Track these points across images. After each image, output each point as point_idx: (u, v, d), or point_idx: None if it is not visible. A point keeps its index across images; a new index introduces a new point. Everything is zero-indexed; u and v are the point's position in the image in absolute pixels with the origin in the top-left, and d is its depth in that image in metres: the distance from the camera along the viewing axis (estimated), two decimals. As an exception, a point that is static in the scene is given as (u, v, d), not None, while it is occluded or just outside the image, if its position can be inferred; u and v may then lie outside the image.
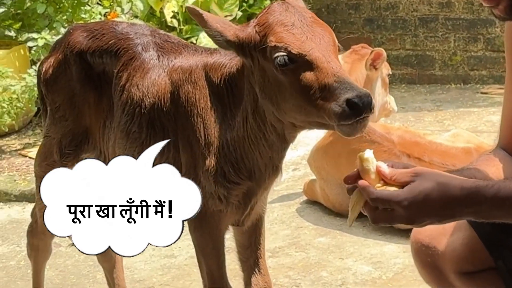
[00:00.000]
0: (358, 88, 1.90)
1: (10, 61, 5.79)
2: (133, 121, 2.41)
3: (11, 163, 5.38)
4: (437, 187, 1.70)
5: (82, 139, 2.63)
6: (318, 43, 1.98)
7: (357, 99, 1.87)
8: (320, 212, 4.36)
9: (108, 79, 2.52)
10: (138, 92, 2.40)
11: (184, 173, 2.33)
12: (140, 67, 2.44)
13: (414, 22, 7.35)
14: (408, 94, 7.04)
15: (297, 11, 2.05)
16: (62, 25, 5.84)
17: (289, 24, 2.00)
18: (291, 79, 1.99)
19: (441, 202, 1.70)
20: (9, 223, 4.56)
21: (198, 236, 2.38)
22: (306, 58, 1.95)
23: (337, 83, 1.91)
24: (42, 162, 2.75)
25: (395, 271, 3.60)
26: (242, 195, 2.32)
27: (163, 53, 2.45)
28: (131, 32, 2.54)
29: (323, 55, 1.95)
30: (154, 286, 3.63)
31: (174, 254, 3.94)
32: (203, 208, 2.29)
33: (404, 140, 4.02)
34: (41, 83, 2.74)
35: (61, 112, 2.64)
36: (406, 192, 1.72)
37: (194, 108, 2.28)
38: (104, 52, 2.53)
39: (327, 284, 3.53)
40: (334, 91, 1.91)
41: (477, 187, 1.70)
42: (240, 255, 2.57)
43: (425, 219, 1.73)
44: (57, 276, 3.77)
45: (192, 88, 2.30)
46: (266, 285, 2.55)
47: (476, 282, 2.02)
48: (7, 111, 5.38)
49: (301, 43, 1.97)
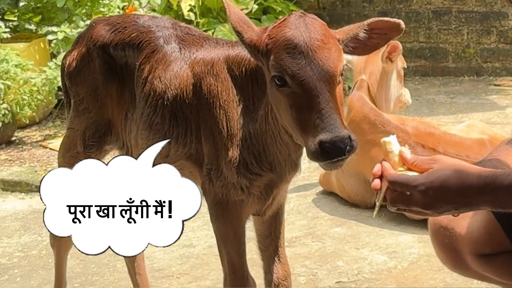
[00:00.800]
0: (338, 130, 1.86)
1: (31, 54, 5.83)
2: (156, 113, 2.42)
3: (32, 154, 5.42)
4: (455, 174, 1.71)
5: (105, 131, 2.64)
6: (315, 72, 1.92)
7: (329, 144, 1.84)
8: (335, 203, 4.37)
9: (130, 71, 2.53)
10: (160, 84, 2.41)
11: (206, 163, 2.34)
12: (162, 59, 2.45)
13: (427, 15, 7.32)
14: (422, 86, 7.02)
15: (308, 31, 1.98)
16: (81, 18, 5.87)
17: (292, 47, 1.95)
18: (284, 99, 1.99)
19: (458, 189, 1.71)
20: (31, 213, 4.59)
21: (220, 225, 2.38)
22: (298, 86, 1.93)
23: (319, 120, 1.87)
24: (66, 153, 2.76)
25: (410, 260, 3.60)
26: (263, 186, 2.32)
27: (184, 46, 2.46)
28: (153, 25, 2.55)
29: (315, 87, 1.90)
30: (173, 275, 3.65)
31: (192, 244, 3.96)
32: (225, 197, 2.31)
33: (419, 131, 4.02)
34: (64, 76, 2.75)
35: (85, 105, 2.65)
36: (424, 177, 1.73)
37: (216, 100, 2.29)
38: (127, 45, 2.54)
39: (343, 274, 3.54)
40: (315, 127, 1.88)
41: (494, 175, 1.70)
42: (260, 244, 2.57)
43: (441, 205, 1.74)
44: (78, 265, 3.79)
45: (214, 81, 2.30)
46: (285, 273, 2.56)
47: (493, 264, 2.02)
48: (27, 103, 5.41)
49: (297, 70, 1.93)
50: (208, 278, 3.58)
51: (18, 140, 5.74)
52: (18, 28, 6.49)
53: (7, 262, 3.92)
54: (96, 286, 3.59)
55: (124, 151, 2.63)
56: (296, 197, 4.46)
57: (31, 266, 3.86)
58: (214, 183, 2.32)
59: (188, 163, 2.41)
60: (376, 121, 4.05)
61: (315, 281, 3.48)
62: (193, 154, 2.39)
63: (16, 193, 4.92)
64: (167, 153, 2.43)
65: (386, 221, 4.01)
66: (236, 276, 2.41)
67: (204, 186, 2.37)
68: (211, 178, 2.32)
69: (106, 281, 3.64)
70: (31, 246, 4.10)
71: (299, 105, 1.94)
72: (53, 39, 5.76)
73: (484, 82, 7.01)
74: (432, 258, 3.59)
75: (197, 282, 3.55)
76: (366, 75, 4.20)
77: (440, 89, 6.92)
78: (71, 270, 3.45)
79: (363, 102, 4.12)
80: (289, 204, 4.31)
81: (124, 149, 2.62)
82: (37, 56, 5.92)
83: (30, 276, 3.75)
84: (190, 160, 2.40)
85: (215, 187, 2.32)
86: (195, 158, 2.39)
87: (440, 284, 3.35)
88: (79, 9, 5.99)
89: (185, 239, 4.03)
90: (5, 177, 5.01)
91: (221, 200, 2.33)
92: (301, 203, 4.40)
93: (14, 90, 5.39)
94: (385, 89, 4.29)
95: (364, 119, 4.08)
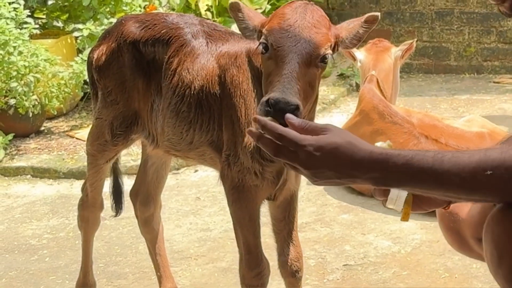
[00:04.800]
0: (289, 95, 1.79)
1: (58, 50, 5.85)
2: (183, 102, 2.45)
3: (59, 143, 5.45)
4: (348, 144, 1.61)
5: (132, 121, 2.66)
6: (295, 45, 1.91)
7: (274, 101, 1.76)
8: (343, 191, 4.38)
9: (157, 66, 2.55)
10: (188, 75, 2.44)
11: (225, 149, 2.37)
12: (191, 53, 2.47)
13: (431, 15, 7.30)
14: (425, 83, 7.00)
15: (304, 13, 1.98)
16: (105, 16, 5.89)
17: (285, 20, 1.96)
18: (263, 65, 1.99)
19: (347, 160, 1.59)
20: (59, 198, 4.63)
21: (236, 209, 2.41)
22: (275, 51, 1.92)
23: (278, 82, 1.85)
24: (94, 142, 2.78)
25: (413, 246, 3.62)
26: (275, 172, 2.34)
27: (211, 40, 2.48)
28: (181, 22, 2.57)
29: (288, 56, 1.89)
30: (191, 257, 3.67)
31: (209, 228, 3.99)
32: (241, 182, 2.33)
33: (423, 123, 4.03)
34: (92, 69, 2.76)
35: (113, 96, 2.67)
36: (315, 140, 1.61)
37: (237, 89, 2.31)
38: (156, 41, 2.56)
39: (350, 257, 3.56)
40: (272, 88, 1.85)
41: (387, 154, 1.60)
42: (274, 227, 2.59)
43: (325, 170, 1.62)
44: (103, 247, 3.82)
45: (236, 72, 2.33)
46: (297, 255, 2.58)
47: None
48: (55, 95, 5.43)
49: (279, 38, 1.93)
50: (224, 259, 3.61)
51: (47, 130, 5.78)
52: (47, 25, 6.51)
53: (37, 243, 3.96)
54: (119, 266, 3.63)
55: (150, 140, 2.65)
56: (306, 186, 4.47)
57: (59, 247, 3.90)
58: (232, 168, 2.34)
59: (210, 149, 2.44)
60: (384, 111, 4.08)
61: (323, 263, 3.50)
62: (215, 141, 2.41)
63: (45, 179, 4.97)
64: (192, 140, 2.46)
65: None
66: (251, 256, 2.43)
67: (222, 171, 2.40)
68: (229, 163, 2.35)
69: (129, 261, 3.67)
70: (59, 229, 4.14)
71: (271, 71, 1.92)
72: (79, 36, 5.78)
73: (484, 80, 6.98)
74: (434, 244, 3.61)
75: (214, 264, 3.58)
76: (376, 71, 4.23)
77: (442, 85, 6.90)
78: (96, 251, 3.48)
79: (373, 94, 4.16)
80: (299, 192, 4.30)
81: (150, 138, 2.64)
82: (64, 51, 5.94)
83: (58, 256, 3.79)
84: (211, 146, 2.43)
85: (232, 172, 2.34)
86: (216, 145, 2.41)
87: (441, 268, 3.36)
88: (103, 8, 6.00)
89: (203, 223, 4.06)
90: (34, 165, 5.06)
91: (237, 184, 2.35)
92: (311, 191, 4.41)
93: (43, 83, 5.42)
94: (394, 83, 4.33)
95: (373, 109, 4.13)
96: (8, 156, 5.21)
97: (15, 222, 4.28)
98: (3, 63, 5.12)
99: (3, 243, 3.99)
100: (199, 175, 4.83)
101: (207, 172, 4.71)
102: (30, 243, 3.97)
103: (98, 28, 5.69)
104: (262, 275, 2.44)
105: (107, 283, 3.45)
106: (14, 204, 4.57)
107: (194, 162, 2.87)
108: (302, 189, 4.38)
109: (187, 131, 2.45)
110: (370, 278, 3.34)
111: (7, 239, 4.03)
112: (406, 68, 7.17)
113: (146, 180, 3.02)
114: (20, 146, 5.40)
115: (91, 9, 6.06)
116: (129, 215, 3.49)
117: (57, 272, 3.60)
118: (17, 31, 5.23)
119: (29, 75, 5.23)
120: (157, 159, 2.96)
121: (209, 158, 2.47)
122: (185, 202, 4.40)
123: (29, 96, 5.27)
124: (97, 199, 2.95)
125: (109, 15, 5.97)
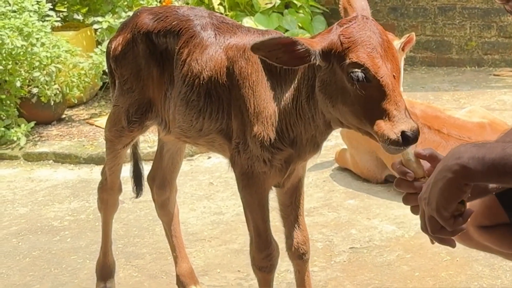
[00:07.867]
0: (412, 122, 1.89)
1: (79, 41, 5.84)
2: (193, 91, 2.42)
3: (80, 131, 5.45)
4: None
5: (147, 108, 2.63)
6: (390, 70, 1.93)
7: (410, 133, 1.85)
8: (350, 178, 4.36)
9: (169, 56, 2.52)
10: (197, 66, 2.41)
11: (235, 137, 2.34)
12: (199, 44, 2.44)
13: (433, 10, 7.23)
14: (427, 76, 6.95)
15: (376, 33, 1.97)
16: (123, 10, 5.87)
17: (371, 47, 1.93)
18: (359, 93, 1.94)
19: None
20: (79, 182, 4.63)
21: (246, 194, 2.38)
22: (379, 82, 1.92)
23: (396, 111, 1.89)
24: (112, 128, 2.77)
25: (416, 230, 3.58)
26: (284, 160, 2.31)
27: (219, 33, 2.44)
28: (191, 14, 2.54)
29: (391, 83, 1.92)
30: (205, 239, 3.67)
31: (222, 212, 3.98)
32: (250, 169, 2.31)
33: (426, 114, 3.99)
34: (110, 59, 2.73)
35: (129, 85, 2.64)
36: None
37: (246, 81, 2.28)
38: (168, 32, 2.52)
39: (356, 240, 3.54)
40: (392, 118, 1.89)
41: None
42: (282, 212, 2.56)
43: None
44: (121, 229, 3.83)
45: (245, 64, 2.29)
46: (304, 239, 2.56)
47: (492, 235, 2.00)
48: (76, 85, 5.43)
49: (378, 68, 1.91)
50: (236, 242, 3.60)
51: (68, 118, 5.78)
52: (68, 18, 6.50)
53: (59, 225, 3.97)
54: (137, 247, 3.63)
55: (163, 126, 2.63)
56: (314, 173, 4.46)
57: (80, 228, 3.91)
58: (241, 155, 2.32)
59: (219, 136, 2.41)
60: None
61: (331, 246, 3.49)
62: (224, 129, 2.38)
63: (66, 165, 4.98)
64: (201, 127, 2.43)
65: (394, 194, 3.99)
66: (261, 239, 2.41)
67: (232, 158, 2.37)
68: (239, 151, 2.32)
69: (146, 242, 3.67)
70: (79, 211, 4.14)
71: (375, 99, 1.92)
72: (98, 28, 5.76)
73: (484, 73, 6.92)
74: (436, 228, 3.58)
75: (226, 245, 3.57)
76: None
77: (444, 78, 6.84)
78: (115, 233, 3.48)
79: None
80: (307, 179, 4.30)
81: (162, 124, 2.62)
82: (84, 43, 5.92)
83: (79, 237, 3.80)
84: (221, 134, 2.40)
85: (242, 159, 2.32)
86: (225, 133, 2.38)
87: (443, 251, 3.33)
88: (121, 1, 5.98)
89: (216, 207, 4.05)
90: (56, 150, 5.07)
91: (247, 171, 2.32)
92: (319, 178, 4.39)
93: (64, 73, 5.41)
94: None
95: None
96: (31, 143, 5.22)
97: (38, 204, 4.28)
98: (26, 54, 5.12)
99: (27, 224, 4.00)
100: (212, 161, 4.82)
101: (220, 159, 4.70)
102: (52, 224, 3.98)
103: (116, 21, 5.66)
104: (271, 257, 2.43)
105: (125, 262, 3.45)
106: (37, 187, 4.58)
107: (204, 148, 2.85)
108: (310, 176, 4.37)
109: (197, 119, 2.43)
110: (375, 261, 3.32)
111: (31, 221, 4.04)
112: (410, 61, 7.13)
113: (162, 166, 3.01)
114: (43, 133, 5.41)
115: (109, 2, 6.05)
116: (146, 198, 3.48)
117: (78, 252, 3.61)
118: (40, 23, 5.22)
119: (51, 65, 5.23)
120: (172, 145, 2.94)
121: (218, 145, 2.45)
122: (199, 187, 4.39)
123: (51, 86, 5.27)
124: (115, 182, 2.94)
125: (127, 9, 5.94)
